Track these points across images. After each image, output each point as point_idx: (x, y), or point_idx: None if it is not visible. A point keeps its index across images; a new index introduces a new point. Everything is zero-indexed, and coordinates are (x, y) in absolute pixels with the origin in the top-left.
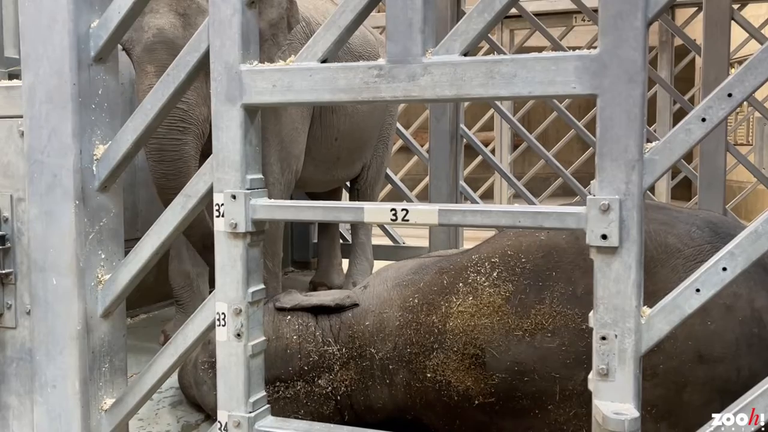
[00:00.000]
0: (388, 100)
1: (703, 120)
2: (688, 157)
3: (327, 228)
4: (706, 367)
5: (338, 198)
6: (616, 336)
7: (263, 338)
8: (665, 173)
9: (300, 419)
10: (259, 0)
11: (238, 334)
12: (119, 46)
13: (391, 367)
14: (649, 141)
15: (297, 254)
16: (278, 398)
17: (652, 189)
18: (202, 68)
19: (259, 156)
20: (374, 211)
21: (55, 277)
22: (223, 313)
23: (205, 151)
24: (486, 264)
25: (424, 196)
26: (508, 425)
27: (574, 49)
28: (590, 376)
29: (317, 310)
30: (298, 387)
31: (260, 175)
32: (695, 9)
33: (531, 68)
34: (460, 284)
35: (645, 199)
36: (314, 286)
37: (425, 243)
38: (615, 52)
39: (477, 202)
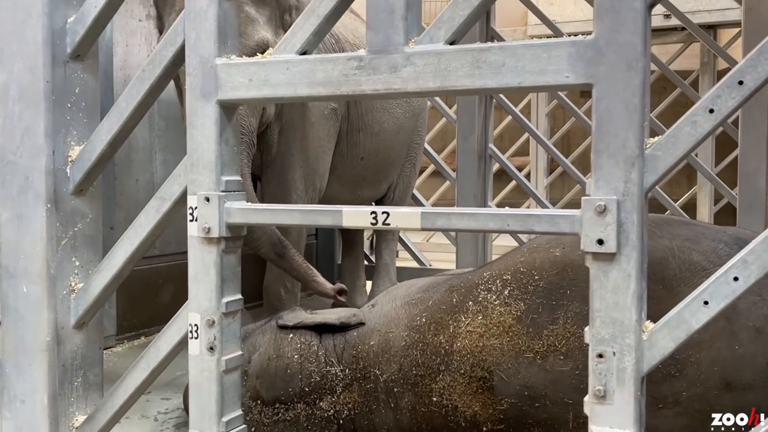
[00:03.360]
0: (368, 94)
1: (711, 111)
2: (732, 182)
3: (351, 249)
4: (734, 395)
5: None
6: (614, 353)
7: (239, 353)
8: (670, 172)
9: None
10: (295, 10)
11: (211, 348)
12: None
13: (396, 390)
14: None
15: (321, 276)
16: (278, 421)
17: (694, 216)
18: (178, 63)
19: (237, 157)
20: (353, 214)
21: (26, 284)
22: (195, 325)
23: None
24: (497, 281)
25: None
26: None
27: None
28: (586, 398)
29: (321, 329)
30: (299, 409)
31: (237, 177)
32: (738, 30)
33: (520, 56)
34: (470, 303)
35: (672, 215)
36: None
37: (452, 266)
38: (612, 36)
39: None
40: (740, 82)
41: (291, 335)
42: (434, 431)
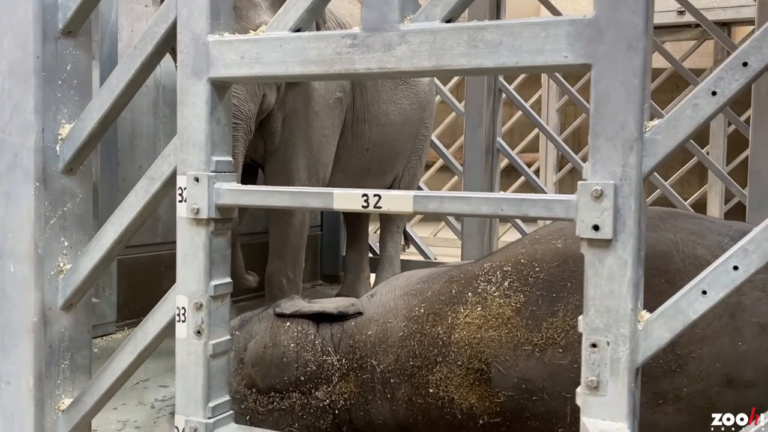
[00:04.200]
0: (362, 73)
1: (714, 93)
2: (743, 181)
3: (355, 241)
4: (736, 393)
5: (368, 213)
6: (608, 343)
7: (227, 337)
8: (670, 157)
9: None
10: None
11: (199, 331)
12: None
13: (392, 380)
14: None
15: (326, 267)
16: (272, 410)
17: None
18: (171, 41)
19: (229, 137)
20: (344, 196)
21: (13, 264)
22: (183, 308)
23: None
24: (497, 273)
25: None
26: None
27: None
28: (578, 389)
29: (319, 318)
30: (294, 398)
31: (228, 158)
32: (752, 27)
33: (518, 35)
34: (469, 294)
35: (678, 208)
36: None
37: (458, 261)
38: (613, 15)
39: (516, 222)
40: (744, 64)
41: (288, 324)
42: (430, 423)
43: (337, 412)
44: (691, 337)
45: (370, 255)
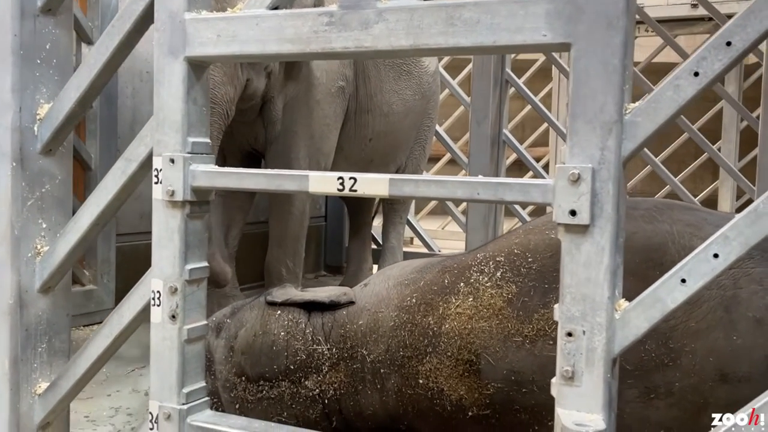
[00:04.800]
0: (338, 52)
1: (696, 74)
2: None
3: (358, 231)
4: (729, 388)
5: (372, 202)
6: (584, 332)
7: (203, 322)
8: (650, 140)
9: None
10: None
11: (173, 316)
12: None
13: (382, 371)
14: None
15: (330, 258)
16: (261, 398)
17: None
18: (149, 19)
19: (206, 118)
20: (320, 179)
21: None
22: (158, 291)
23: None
24: (490, 263)
25: None
26: None
27: (635, 64)
28: (553, 380)
29: (310, 306)
30: (284, 387)
31: (206, 139)
32: None
33: (496, 13)
34: (462, 284)
35: (680, 200)
36: None
37: None
38: None
39: (521, 215)
40: (728, 43)
41: (279, 312)
42: (420, 414)
43: (326, 401)
44: (685, 331)
45: (374, 246)
